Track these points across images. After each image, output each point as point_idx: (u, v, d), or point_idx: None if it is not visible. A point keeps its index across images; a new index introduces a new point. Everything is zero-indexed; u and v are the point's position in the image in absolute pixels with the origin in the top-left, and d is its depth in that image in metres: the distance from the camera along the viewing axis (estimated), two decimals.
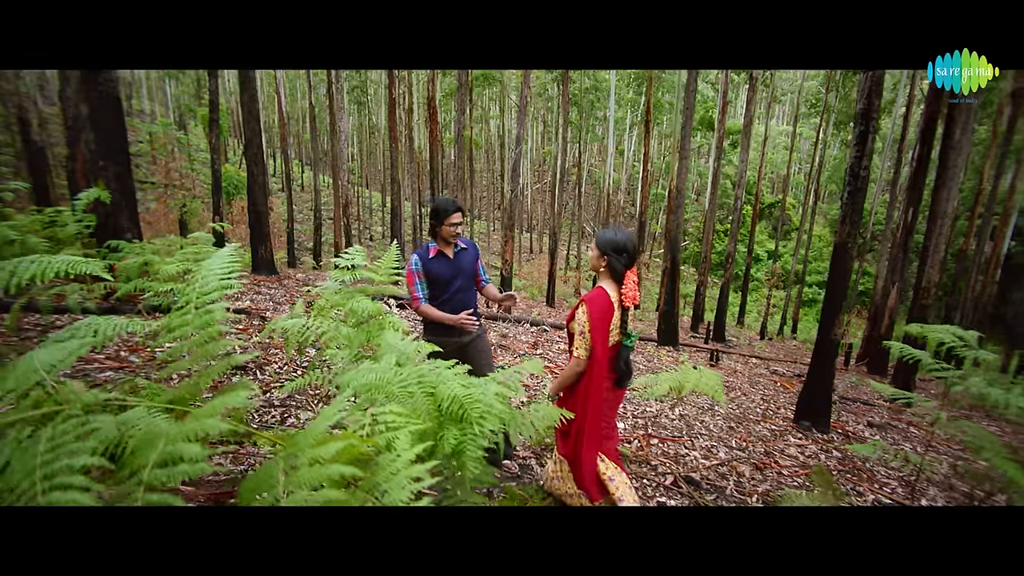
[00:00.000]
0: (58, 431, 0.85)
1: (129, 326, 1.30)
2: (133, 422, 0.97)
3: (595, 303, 1.91)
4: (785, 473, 3.27)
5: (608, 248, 1.94)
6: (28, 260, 1.38)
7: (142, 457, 0.83)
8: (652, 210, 40.85)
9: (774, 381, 8.03)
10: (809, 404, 4.58)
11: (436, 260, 2.37)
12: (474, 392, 1.26)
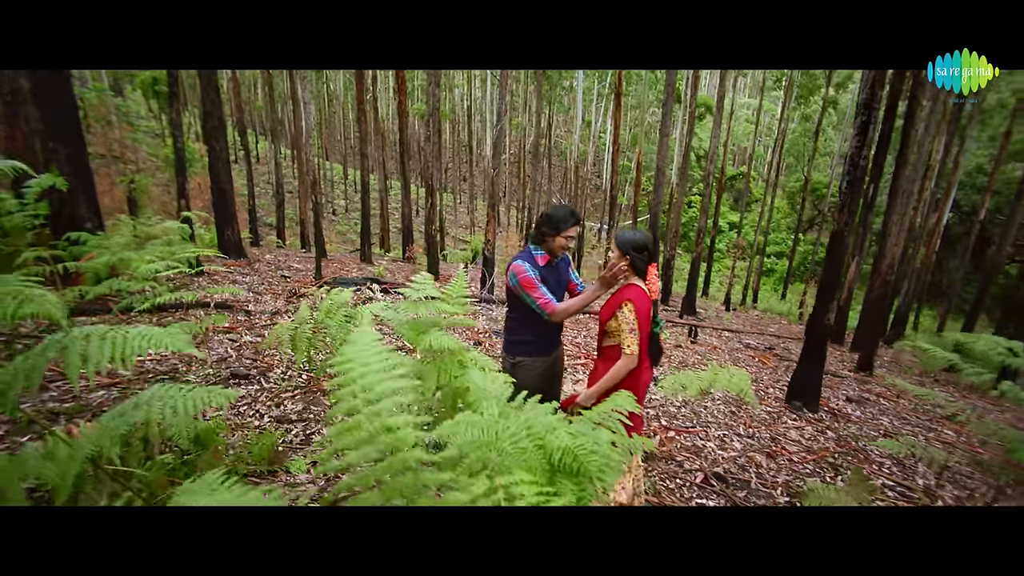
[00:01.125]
0: None
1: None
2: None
3: (641, 301, 1.97)
4: (795, 460, 3.41)
5: (629, 248, 2.00)
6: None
7: None
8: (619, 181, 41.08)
9: (752, 357, 8.35)
10: (801, 385, 4.77)
11: (545, 269, 2.14)
12: (586, 442, 1.19)
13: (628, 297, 1.97)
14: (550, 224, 2.07)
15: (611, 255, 2.08)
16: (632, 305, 1.95)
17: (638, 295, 1.98)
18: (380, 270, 11.25)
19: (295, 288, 6.93)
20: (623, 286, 2.03)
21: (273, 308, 5.53)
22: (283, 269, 9.43)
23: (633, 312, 1.94)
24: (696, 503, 2.48)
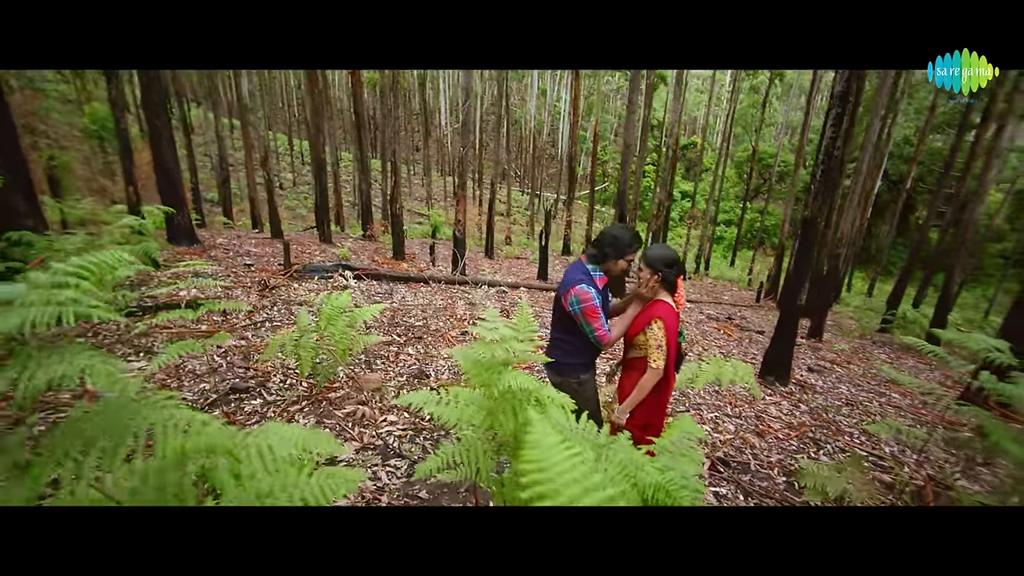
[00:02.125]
0: None
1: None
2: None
3: (670, 318, 2.02)
4: (781, 437, 3.69)
5: (660, 264, 2.03)
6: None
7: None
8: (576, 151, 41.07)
9: (717, 328, 8.78)
10: (774, 360, 5.10)
11: (603, 291, 2.10)
12: (675, 476, 1.24)
13: (658, 315, 2.01)
14: (616, 247, 2.03)
15: (642, 273, 2.08)
16: (662, 323, 1.99)
17: (667, 312, 2.02)
18: (345, 252, 10.85)
19: (264, 279, 6.59)
20: (653, 302, 2.07)
21: (248, 304, 5.25)
22: (242, 255, 8.92)
23: (663, 330, 1.99)
24: (711, 491, 2.66)
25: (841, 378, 6.10)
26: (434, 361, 4.36)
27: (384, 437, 2.77)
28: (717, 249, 34.18)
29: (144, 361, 3.40)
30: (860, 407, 4.84)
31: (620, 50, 1.64)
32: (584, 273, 2.07)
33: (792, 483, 2.89)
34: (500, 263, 16.11)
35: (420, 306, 6.64)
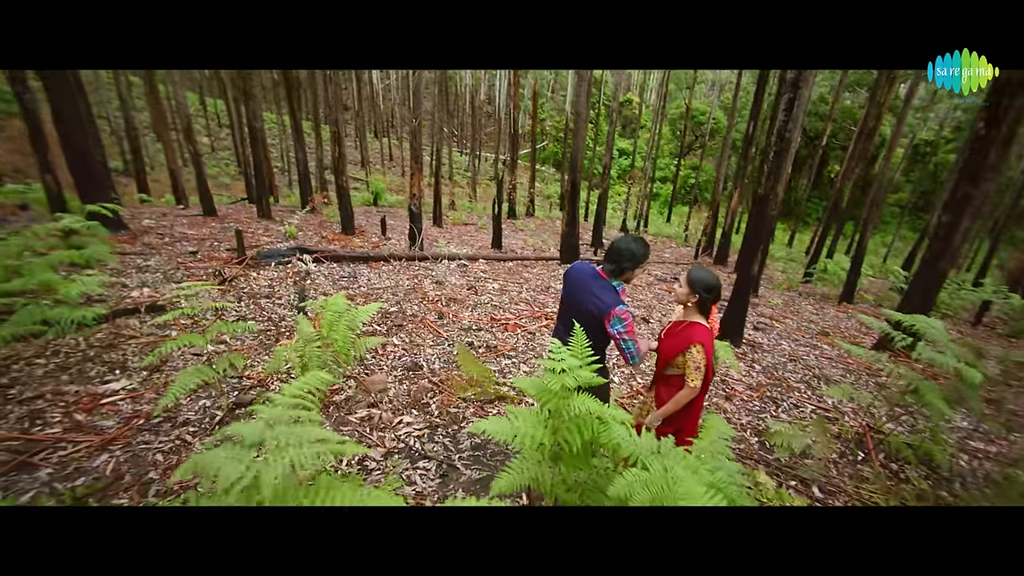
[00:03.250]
0: None
1: None
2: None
3: (709, 341, 2.11)
4: (745, 399, 4.17)
5: (700, 288, 2.09)
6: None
7: None
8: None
9: (667, 290, 9.37)
10: (729, 324, 5.62)
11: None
12: (725, 477, 1.48)
13: (699, 340, 2.06)
14: (633, 260, 2.13)
15: (679, 289, 2.17)
16: (702, 347, 2.06)
17: (706, 337, 2.09)
18: (291, 229, 10.31)
19: (218, 269, 6.21)
20: (690, 324, 2.14)
21: (211, 302, 4.98)
22: (180, 240, 8.28)
23: (702, 354, 2.06)
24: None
25: (781, 334, 6.82)
26: (421, 350, 4.43)
27: (404, 439, 2.87)
28: (653, 206, 35.43)
29: (125, 379, 3.23)
30: (801, 361, 5.50)
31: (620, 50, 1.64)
32: (613, 291, 2.15)
33: (764, 443, 3.33)
34: (450, 231, 15.95)
35: (388, 289, 6.57)
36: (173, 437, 2.61)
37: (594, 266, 2.28)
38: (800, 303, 10.11)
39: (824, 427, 3.12)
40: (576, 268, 2.32)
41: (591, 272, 2.26)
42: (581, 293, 2.24)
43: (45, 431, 2.55)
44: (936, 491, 3.05)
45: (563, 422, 1.63)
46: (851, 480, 3.02)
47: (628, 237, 2.19)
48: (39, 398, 2.87)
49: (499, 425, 1.60)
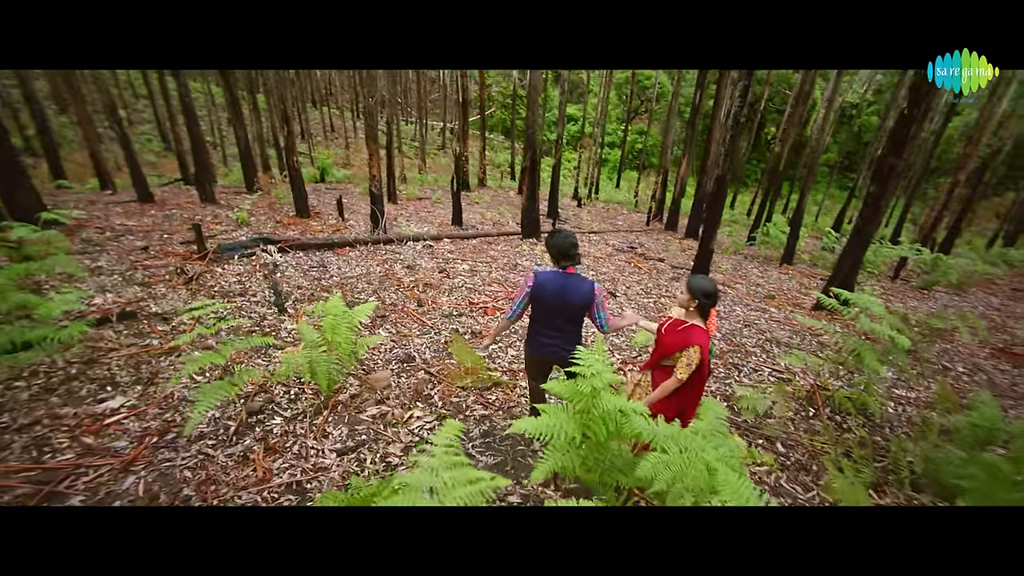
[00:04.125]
0: None
1: None
2: None
3: (706, 343, 2.37)
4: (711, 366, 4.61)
5: (700, 294, 2.34)
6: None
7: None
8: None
9: (628, 262, 9.80)
10: None
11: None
12: (726, 452, 1.79)
13: (697, 342, 2.30)
14: (575, 247, 2.49)
15: (680, 295, 2.42)
16: (699, 349, 2.32)
17: (704, 339, 2.34)
18: (243, 215, 9.89)
19: (179, 267, 5.96)
20: (691, 327, 2.36)
21: (181, 304, 4.84)
22: (124, 234, 7.79)
23: (698, 355, 2.32)
24: None
25: (735, 300, 7.41)
26: (410, 341, 4.57)
27: (418, 433, 3.06)
28: (603, 172, 35.95)
29: (120, 396, 3.19)
30: (754, 326, 6.07)
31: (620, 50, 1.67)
32: (584, 277, 2.54)
33: (732, 407, 3.77)
34: (406, 207, 15.68)
35: (361, 277, 6.56)
36: (194, 452, 2.67)
37: (555, 270, 2.55)
38: (747, 267, 10.89)
39: (782, 390, 3.60)
40: (544, 277, 2.56)
41: (559, 274, 2.53)
42: (566, 292, 2.51)
43: (57, 458, 2.54)
44: (872, 436, 3.61)
45: (592, 418, 1.88)
46: (806, 434, 3.52)
47: (562, 233, 2.51)
48: (36, 424, 2.82)
49: (536, 423, 1.83)
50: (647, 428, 1.84)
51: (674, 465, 1.70)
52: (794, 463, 3.18)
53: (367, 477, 2.57)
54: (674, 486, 1.69)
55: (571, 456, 2.00)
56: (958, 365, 5.49)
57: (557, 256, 2.50)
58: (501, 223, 13.81)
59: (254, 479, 2.49)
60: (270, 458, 2.67)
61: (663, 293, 7.28)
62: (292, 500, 2.37)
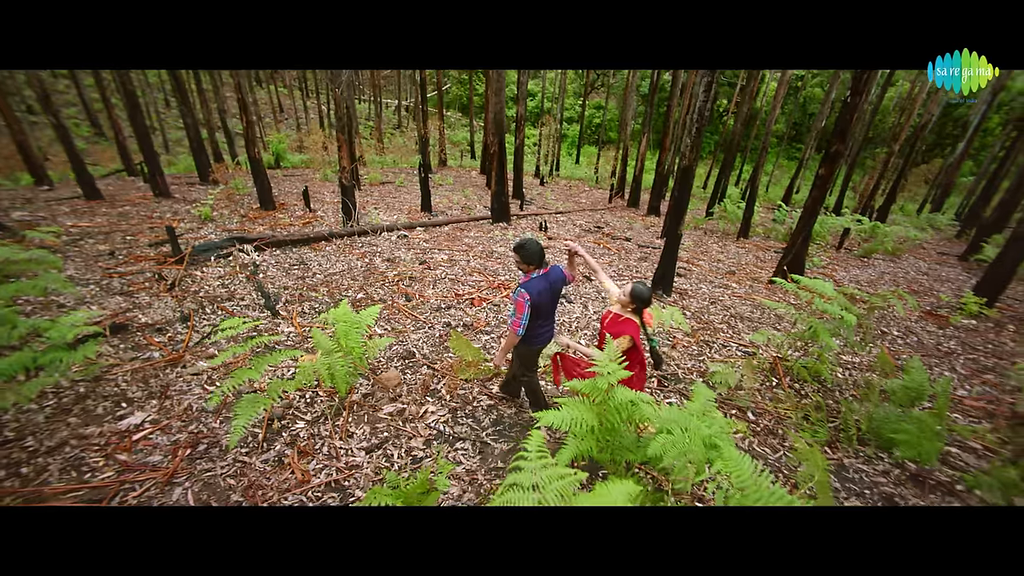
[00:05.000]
0: None
1: None
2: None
3: (637, 333, 2.83)
4: (685, 345, 5.08)
5: (639, 301, 2.80)
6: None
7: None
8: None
9: (597, 243, 10.21)
10: (661, 277, 6.54)
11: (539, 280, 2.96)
12: (717, 429, 2.17)
13: (629, 333, 2.76)
14: (539, 256, 2.80)
15: (622, 297, 2.82)
16: (630, 338, 2.77)
17: (635, 331, 2.81)
18: (207, 211, 9.60)
19: (157, 273, 5.86)
20: (626, 320, 2.83)
21: (170, 311, 4.84)
22: (81, 238, 7.46)
23: (628, 342, 2.76)
24: (667, 403, 3.83)
25: (699, 278, 7.96)
26: (407, 337, 4.78)
27: (435, 426, 3.33)
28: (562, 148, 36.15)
29: (139, 412, 3.29)
30: (719, 303, 6.60)
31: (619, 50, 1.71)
32: (552, 267, 2.95)
33: (707, 382, 4.23)
34: (370, 192, 15.49)
35: (344, 273, 6.64)
36: (230, 460, 2.85)
37: (538, 274, 2.86)
38: (707, 242, 11.54)
39: (749, 364, 4.08)
40: (536, 287, 2.84)
41: (542, 277, 2.87)
42: (553, 287, 2.92)
43: (99, 477, 2.66)
44: (825, 400, 4.16)
45: (608, 408, 2.22)
46: (771, 402, 4.02)
47: (531, 242, 2.80)
48: (64, 446, 2.91)
49: (562, 415, 2.15)
50: (655, 415, 2.20)
51: (679, 443, 2.06)
52: (763, 428, 3.66)
53: (398, 471, 2.84)
54: (679, 460, 2.06)
55: (588, 441, 2.34)
56: (893, 329, 6.21)
57: (538, 262, 2.82)
58: (469, 207, 13.90)
59: (294, 481, 2.71)
60: (303, 460, 2.89)
61: (634, 275, 7.73)
62: (335, 498, 2.61)
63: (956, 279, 9.84)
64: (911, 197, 27.17)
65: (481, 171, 22.84)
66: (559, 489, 1.41)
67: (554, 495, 1.38)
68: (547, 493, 1.40)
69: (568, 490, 1.42)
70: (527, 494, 1.41)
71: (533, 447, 1.67)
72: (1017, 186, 12.08)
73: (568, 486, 1.44)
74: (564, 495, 1.39)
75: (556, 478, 1.47)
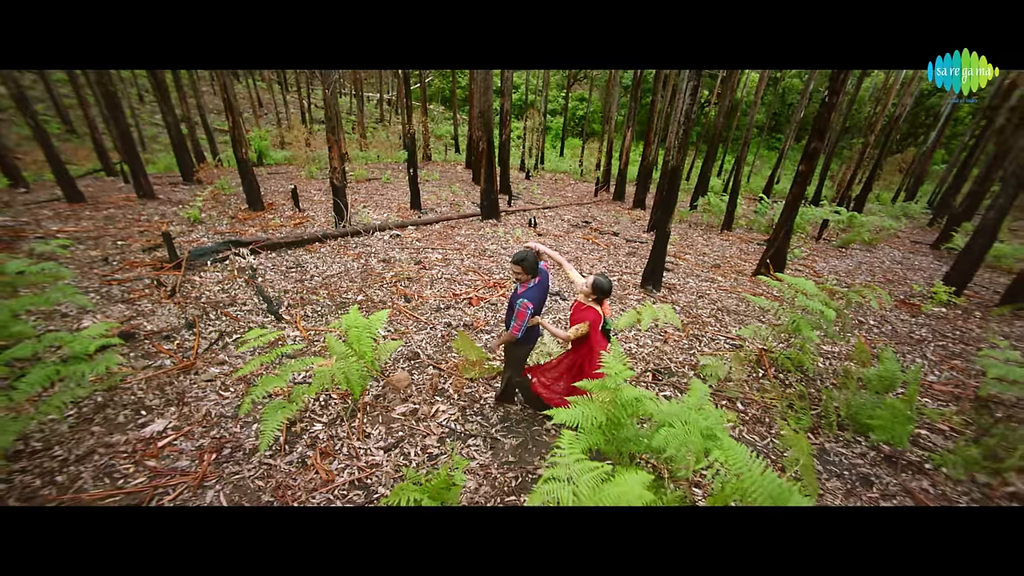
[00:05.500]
0: None
1: None
2: None
3: (596, 320, 3.06)
4: (676, 339, 5.34)
5: (600, 293, 3.04)
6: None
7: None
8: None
9: (586, 239, 10.42)
10: (651, 274, 6.79)
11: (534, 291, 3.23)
12: (713, 421, 2.39)
13: (589, 319, 3.01)
14: (534, 265, 3.06)
15: (585, 289, 3.06)
16: (588, 324, 3.01)
17: (595, 317, 3.04)
18: (195, 213, 9.56)
19: (156, 279, 5.90)
20: (588, 308, 3.05)
21: (174, 318, 4.91)
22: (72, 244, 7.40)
23: (587, 328, 3.01)
24: (662, 396, 4.07)
25: (687, 272, 8.23)
26: (410, 338, 4.94)
27: (447, 424, 3.52)
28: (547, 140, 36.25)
29: (159, 419, 3.41)
30: (706, 297, 6.88)
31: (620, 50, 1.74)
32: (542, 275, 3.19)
33: (698, 375, 4.49)
34: (357, 190, 15.46)
35: (342, 275, 6.74)
36: (255, 463, 3.00)
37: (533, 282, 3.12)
38: (692, 235, 11.84)
39: (737, 356, 4.35)
40: (534, 295, 3.11)
41: (537, 286, 3.13)
42: (545, 292, 3.22)
43: (132, 483, 2.79)
44: (808, 389, 4.45)
45: (615, 405, 2.43)
46: (758, 392, 4.30)
47: (529, 254, 3.06)
48: (92, 454, 3.02)
49: (573, 413, 2.35)
50: (658, 410, 2.42)
51: (680, 435, 2.28)
52: (751, 417, 3.93)
53: (416, 468, 3.02)
54: (680, 450, 2.28)
55: (596, 435, 2.55)
56: (870, 319, 6.57)
57: (532, 271, 3.08)
58: (458, 204, 13.98)
59: (319, 481, 2.88)
60: (326, 461, 3.06)
61: (624, 270, 7.97)
62: (360, 495, 2.79)
63: (928, 267, 10.33)
64: (886, 186, 27.98)
65: (467, 165, 22.85)
66: (590, 481, 1.62)
67: (585, 487, 1.59)
68: (580, 485, 1.60)
69: (597, 482, 1.63)
70: (564, 485, 1.62)
71: (566, 445, 1.87)
72: (984, 176, 12.64)
73: (598, 478, 1.65)
74: (595, 486, 1.60)
75: (588, 471, 1.68)
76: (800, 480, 3.02)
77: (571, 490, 1.59)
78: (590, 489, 1.59)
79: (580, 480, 1.63)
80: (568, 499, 1.56)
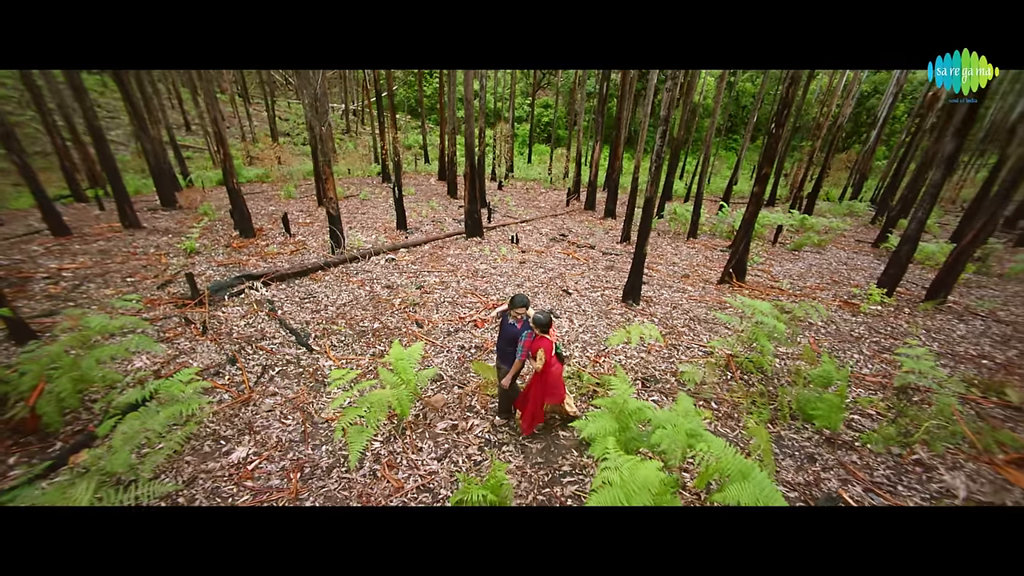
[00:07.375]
0: None
1: None
2: None
3: (549, 348, 3.80)
4: (657, 349, 6.23)
5: (542, 328, 3.77)
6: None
7: None
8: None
9: (567, 254, 11.27)
10: (631, 290, 7.70)
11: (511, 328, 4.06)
12: (697, 424, 3.24)
13: (543, 347, 3.76)
14: (525, 306, 3.86)
15: (528, 319, 3.88)
16: (544, 350, 3.74)
17: (548, 345, 3.77)
18: (192, 244, 9.87)
19: (184, 316, 6.38)
20: (540, 338, 3.77)
21: (215, 354, 5.46)
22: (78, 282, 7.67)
23: (544, 353, 3.74)
24: (652, 400, 4.92)
25: (660, 283, 9.20)
26: (432, 360, 5.65)
27: (482, 435, 4.27)
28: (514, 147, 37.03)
29: (238, 447, 4.03)
30: (679, 307, 7.84)
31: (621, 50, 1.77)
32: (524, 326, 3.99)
33: (679, 381, 5.38)
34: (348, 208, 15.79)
35: (353, 304, 7.34)
36: (336, 478, 3.68)
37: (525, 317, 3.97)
38: (661, 244, 12.90)
39: (710, 363, 5.28)
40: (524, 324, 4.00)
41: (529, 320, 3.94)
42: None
43: (240, 500, 3.44)
44: (767, 387, 5.42)
45: (623, 414, 3.26)
46: (727, 392, 5.23)
47: (522, 297, 3.90)
48: (196, 479, 3.64)
49: (593, 425, 3.16)
50: (656, 416, 3.26)
51: (671, 435, 3.13)
52: (723, 414, 4.84)
53: (466, 472, 3.77)
54: (672, 446, 3.12)
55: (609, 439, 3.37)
56: (818, 320, 7.67)
57: (523, 309, 3.92)
58: (440, 220, 14.50)
59: (392, 488, 3.59)
60: (392, 472, 3.77)
61: (605, 285, 8.87)
62: (428, 497, 3.52)
63: (869, 267, 11.68)
64: (834, 182, 30.09)
65: (440, 178, 23.38)
66: (640, 478, 2.42)
67: (635, 484, 2.39)
68: (624, 469, 2.42)
69: (632, 466, 2.46)
70: (613, 471, 2.43)
71: (611, 448, 2.67)
72: (916, 177, 14.19)
73: (649, 474, 2.47)
74: (631, 469, 2.42)
75: (626, 461, 2.49)
76: (762, 461, 3.93)
77: (619, 473, 2.40)
78: (628, 472, 2.40)
79: (624, 467, 2.45)
80: (617, 479, 2.37)
